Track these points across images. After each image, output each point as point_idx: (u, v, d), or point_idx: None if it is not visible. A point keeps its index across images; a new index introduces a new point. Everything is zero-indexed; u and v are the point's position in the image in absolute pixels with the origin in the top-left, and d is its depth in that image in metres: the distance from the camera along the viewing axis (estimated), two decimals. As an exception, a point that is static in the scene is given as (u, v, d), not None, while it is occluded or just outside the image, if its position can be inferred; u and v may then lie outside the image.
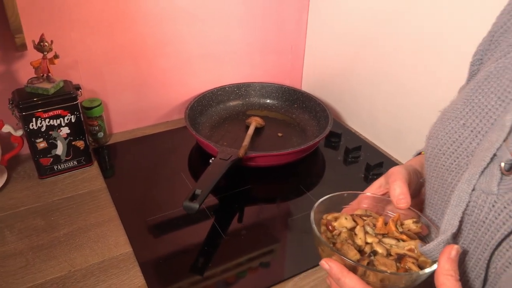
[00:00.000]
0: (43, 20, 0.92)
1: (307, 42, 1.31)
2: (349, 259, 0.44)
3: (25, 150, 0.96)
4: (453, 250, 0.41)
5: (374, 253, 0.47)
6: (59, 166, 0.95)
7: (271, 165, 0.99)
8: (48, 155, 0.92)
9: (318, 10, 1.23)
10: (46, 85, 0.88)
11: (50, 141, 0.91)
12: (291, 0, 1.21)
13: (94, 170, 0.99)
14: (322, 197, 0.53)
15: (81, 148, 0.96)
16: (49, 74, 0.89)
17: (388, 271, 0.45)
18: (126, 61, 1.06)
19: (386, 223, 0.51)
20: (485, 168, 0.41)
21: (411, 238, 0.50)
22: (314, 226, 0.49)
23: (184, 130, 1.10)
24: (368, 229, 0.51)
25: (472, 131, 0.44)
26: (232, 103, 1.22)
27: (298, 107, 1.21)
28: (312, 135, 1.11)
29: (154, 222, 0.84)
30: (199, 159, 1.05)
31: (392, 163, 1.05)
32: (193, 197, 0.76)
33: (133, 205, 0.89)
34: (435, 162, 0.48)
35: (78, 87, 0.94)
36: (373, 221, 0.52)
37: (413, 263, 0.46)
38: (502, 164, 0.40)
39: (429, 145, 0.50)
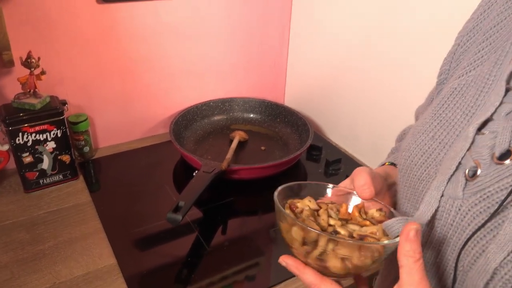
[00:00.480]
0: (31, 37, 0.94)
1: (289, 59, 1.35)
2: (311, 228, 0.43)
3: (11, 164, 0.97)
4: (412, 231, 0.40)
5: (336, 233, 0.47)
6: (44, 180, 0.96)
7: (254, 177, 1.02)
8: (34, 169, 0.94)
9: (299, 28, 1.27)
10: (32, 101, 0.90)
11: (36, 155, 0.93)
12: (273, 19, 1.26)
13: (79, 184, 1.00)
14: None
15: (67, 162, 0.97)
16: (36, 89, 0.91)
17: (350, 240, 0.44)
18: (112, 77, 1.09)
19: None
20: (451, 176, 0.45)
21: (373, 224, 0.49)
22: (276, 199, 0.49)
23: (169, 144, 1.12)
24: (332, 213, 0.50)
25: (440, 143, 0.49)
26: (216, 118, 1.25)
27: (280, 121, 1.25)
28: (294, 148, 1.14)
29: (139, 234, 0.86)
30: (183, 173, 1.07)
31: (371, 175, 1.08)
32: (177, 209, 0.78)
33: (118, 218, 0.90)
34: (408, 173, 0.52)
35: (64, 102, 0.96)
36: (337, 207, 0.52)
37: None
38: (467, 171, 0.44)
39: (402, 157, 0.54)
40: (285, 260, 0.47)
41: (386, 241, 0.44)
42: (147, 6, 1.05)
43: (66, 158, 0.97)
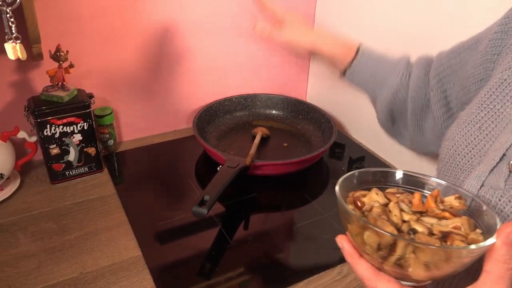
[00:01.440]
0: (59, 30, 0.96)
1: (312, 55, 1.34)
2: (388, 232, 0.37)
3: (38, 156, 0.99)
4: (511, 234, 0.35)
5: (414, 231, 0.40)
6: (70, 172, 0.98)
7: (277, 174, 1.01)
8: (61, 161, 0.95)
9: (323, 23, 1.26)
10: (60, 93, 0.91)
11: (63, 147, 0.94)
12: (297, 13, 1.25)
13: (104, 176, 1.01)
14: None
15: (93, 154, 0.99)
16: (64, 82, 0.93)
17: (436, 245, 0.37)
18: (137, 72, 1.10)
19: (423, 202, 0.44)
20: (494, 167, 0.45)
21: (455, 216, 0.42)
22: (340, 198, 0.42)
23: (192, 139, 1.13)
24: (404, 206, 0.43)
25: (487, 134, 0.48)
26: (238, 114, 1.25)
27: (303, 118, 1.24)
28: (317, 145, 1.13)
29: (163, 227, 0.86)
30: (206, 167, 1.07)
31: (395, 173, 1.07)
32: (202, 203, 0.78)
33: (142, 210, 0.91)
34: (450, 162, 0.52)
35: (91, 96, 0.97)
36: (408, 197, 0.45)
37: (461, 241, 0.38)
38: (511, 163, 0.44)
39: (444, 147, 0.53)
40: (342, 242, 0.42)
41: (481, 244, 0.37)
42: (172, 1, 1.05)
43: (91, 150, 0.98)
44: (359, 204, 0.43)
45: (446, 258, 0.36)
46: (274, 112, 1.28)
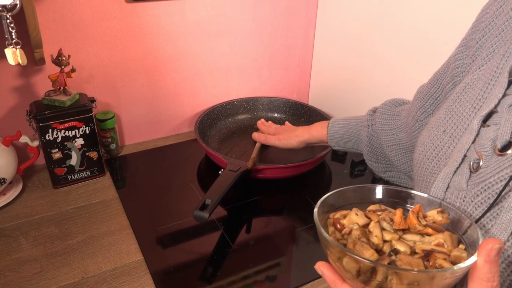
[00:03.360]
0: (61, 35, 0.96)
1: (314, 58, 1.34)
2: (365, 259, 0.36)
3: (40, 160, 0.99)
4: (494, 251, 0.34)
5: (395, 251, 0.39)
6: (73, 176, 0.98)
7: (279, 177, 1.01)
8: (63, 165, 0.95)
9: (325, 27, 1.26)
10: (62, 98, 0.92)
11: (65, 151, 0.94)
12: (299, 17, 1.25)
13: (106, 180, 1.01)
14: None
15: (95, 159, 0.99)
16: (66, 87, 0.93)
17: (416, 269, 0.36)
18: (139, 75, 1.10)
19: (405, 218, 0.44)
20: (457, 168, 0.46)
21: (438, 231, 0.42)
22: (318, 223, 0.42)
23: (194, 142, 1.13)
24: (385, 224, 0.42)
25: (450, 136, 0.50)
26: (240, 117, 1.25)
27: (305, 121, 1.24)
28: (319, 148, 1.13)
29: (165, 231, 0.86)
30: (208, 171, 1.07)
31: (398, 176, 1.07)
32: (203, 207, 0.78)
33: (144, 214, 0.91)
34: (421, 167, 0.53)
35: (93, 100, 0.98)
36: (390, 215, 0.44)
37: (444, 259, 0.38)
38: (471, 163, 0.45)
39: (416, 152, 0.55)
40: (321, 269, 0.42)
41: (461, 264, 0.36)
42: (173, 4, 1.06)
43: (93, 154, 0.98)
44: (339, 226, 0.43)
45: (429, 279, 0.36)
46: (276, 115, 1.27)
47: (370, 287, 0.38)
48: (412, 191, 0.48)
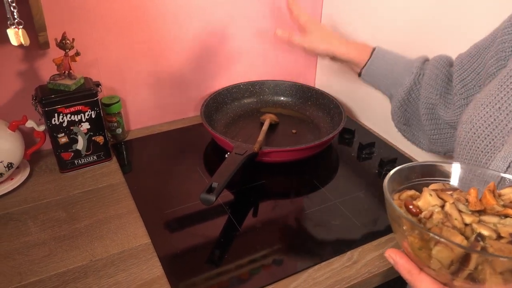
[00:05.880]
0: (65, 18, 0.95)
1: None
2: (464, 246, 0.33)
3: (47, 145, 0.99)
4: None
5: (481, 236, 0.35)
6: (79, 160, 0.98)
7: (286, 160, 1.00)
8: (69, 150, 0.95)
9: (332, 8, 1.24)
10: (67, 82, 0.91)
11: (71, 136, 0.94)
12: (304, 2, 1.23)
13: (113, 165, 1.01)
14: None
15: (101, 143, 0.99)
16: (71, 71, 0.92)
17: None
18: (144, 59, 1.09)
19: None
20: None
21: None
22: (395, 206, 0.37)
23: (200, 127, 1.12)
24: (461, 206, 0.38)
25: (508, 114, 0.47)
26: (246, 101, 1.24)
27: (311, 104, 1.23)
28: (326, 131, 1.12)
29: (172, 215, 0.86)
30: (214, 155, 1.07)
31: (406, 159, 1.06)
32: (210, 190, 0.78)
33: (151, 198, 0.91)
34: (469, 145, 0.51)
35: (98, 84, 0.97)
36: (462, 195, 0.40)
37: None
38: None
39: (462, 130, 0.52)
40: (394, 258, 0.38)
41: None
42: (178, -13, 1.04)
43: (100, 139, 0.98)
44: (414, 209, 0.38)
45: None
46: (282, 98, 1.26)
47: (459, 277, 0.34)
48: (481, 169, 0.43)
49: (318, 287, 0.71)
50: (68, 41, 0.89)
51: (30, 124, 0.94)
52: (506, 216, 0.37)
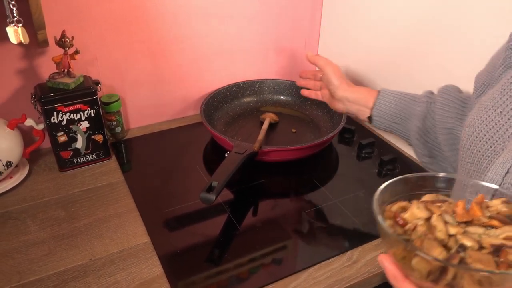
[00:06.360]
0: (64, 16, 0.95)
1: (321, 39, 1.32)
2: (439, 260, 0.35)
3: (46, 144, 0.99)
4: None
5: (463, 247, 0.37)
6: (78, 159, 0.97)
7: (285, 159, 1.00)
8: (68, 149, 0.95)
9: (332, 8, 1.23)
10: (66, 80, 0.91)
11: (71, 134, 0.94)
12: (305, 1, 1.23)
13: (112, 163, 1.01)
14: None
15: (100, 142, 0.98)
16: (70, 69, 0.92)
17: (497, 271, 0.34)
18: (143, 58, 1.09)
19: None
20: None
21: (503, 223, 0.38)
22: (381, 220, 0.40)
23: (199, 125, 1.12)
24: (447, 217, 0.40)
25: (509, 118, 0.47)
26: (246, 100, 1.24)
27: (311, 103, 1.22)
28: (326, 130, 1.12)
29: (171, 214, 0.86)
30: (214, 154, 1.06)
31: (405, 158, 1.06)
32: (210, 189, 0.77)
33: (150, 197, 0.91)
34: (471, 149, 0.50)
35: (97, 82, 0.97)
36: (450, 206, 0.41)
37: None
38: None
39: (465, 133, 0.52)
40: (384, 263, 0.40)
41: None
42: (178, -15, 1.04)
43: (99, 138, 0.98)
44: (400, 221, 0.40)
45: (503, 279, 0.34)
46: (282, 97, 1.26)
47: (439, 286, 0.36)
48: (471, 180, 0.45)
49: (318, 287, 0.71)
50: (67, 39, 0.89)
51: (29, 122, 0.93)
52: (492, 227, 0.39)
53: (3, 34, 0.77)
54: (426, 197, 0.44)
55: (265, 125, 1.07)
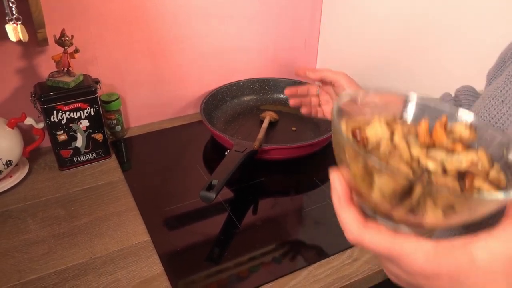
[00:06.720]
0: (64, 15, 0.95)
1: (321, 38, 1.32)
2: (411, 177, 0.31)
3: (46, 143, 0.98)
4: None
5: (427, 171, 0.34)
6: (78, 158, 0.97)
7: (285, 158, 1.00)
8: (68, 147, 0.95)
9: (331, 7, 1.23)
10: (66, 79, 0.91)
11: (70, 133, 0.94)
12: (304, 0, 1.23)
13: (112, 162, 1.01)
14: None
15: (100, 140, 0.98)
16: (70, 68, 0.92)
17: (476, 194, 0.31)
18: (143, 56, 1.08)
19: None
20: None
21: (468, 148, 0.36)
22: (341, 129, 0.34)
23: (199, 124, 1.12)
24: (410, 138, 0.36)
25: (510, 107, 0.48)
26: (246, 98, 1.24)
27: (311, 102, 1.22)
28: (325, 129, 1.12)
29: (171, 212, 0.86)
30: (214, 153, 1.06)
31: (406, 157, 1.06)
32: (210, 187, 0.77)
33: (150, 196, 0.91)
34: None
35: (97, 81, 0.97)
36: (412, 127, 0.37)
37: (484, 180, 0.33)
38: None
39: None
40: (335, 181, 0.37)
41: None
42: (178, -17, 1.04)
43: (99, 136, 0.98)
44: (362, 139, 0.35)
45: (470, 204, 0.31)
46: (282, 96, 1.26)
47: (399, 209, 0.32)
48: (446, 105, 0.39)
49: (318, 285, 0.71)
50: (67, 38, 0.89)
51: (29, 121, 0.93)
52: (454, 152, 0.35)
53: (2, 33, 0.77)
54: (385, 118, 0.39)
55: (265, 124, 1.07)
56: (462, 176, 0.33)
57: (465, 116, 0.39)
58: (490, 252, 0.30)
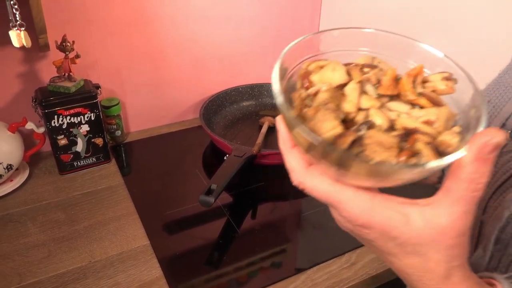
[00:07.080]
0: (65, 21, 0.96)
1: (320, 43, 1.33)
2: (310, 135, 0.29)
3: (46, 147, 0.99)
4: (489, 146, 0.27)
5: (368, 124, 0.31)
6: (78, 162, 0.98)
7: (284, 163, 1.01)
8: (69, 152, 0.96)
9: (330, 11, 1.25)
10: (67, 84, 0.92)
11: (71, 138, 0.94)
12: (304, 2, 1.23)
13: (112, 167, 1.01)
14: None
15: (100, 145, 0.99)
16: (71, 73, 0.93)
17: (373, 160, 0.29)
18: (143, 62, 1.09)
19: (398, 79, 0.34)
20: None
21: (435, 104, 0.32)
22: (275, 69, 0.33)
23: (199, 129, 1.13)
24: (368, 87, 0.33)
25: (494, 106, 0.51)
26: (245, 103, 1.25)
27: (310, 107, 1.23)
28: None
29: (171, 217, 0.87)
30: (213, 158, 1.07)
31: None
32: (209, 192, 0.78)
33: (150, 200, 0.91)
34: None
35: (97, 86, 0.98)
36: (379, 75, 0.34)
37: (427, 143, 0.30)
38: (509, 132, 0.47)
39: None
40: (280, 125, 0.35)
41: (435, 163, 0.28)
42: (178, -10, 1.05)
43: (99, 141, 0.98)
44: (306, 84, 0.33)
45: (389, 172, 0.29)
46: (281, 101, 1.27)
47: (327, 161, 0.30)
48: (420, 44, 0.36)
49: (316, 289, 0.72)
50: (68, 44, 0.90)
51: (29, 126, 0.94)
52: (419, 106, 0.32)
53: (4, 38, 0.77)
54: (360, 59, 0.37)
55: (264, 129, 1.08)
56: (407, 135, 0.30)
57: (446, 67, 0.35)
58: (425, 219, 0.30)
